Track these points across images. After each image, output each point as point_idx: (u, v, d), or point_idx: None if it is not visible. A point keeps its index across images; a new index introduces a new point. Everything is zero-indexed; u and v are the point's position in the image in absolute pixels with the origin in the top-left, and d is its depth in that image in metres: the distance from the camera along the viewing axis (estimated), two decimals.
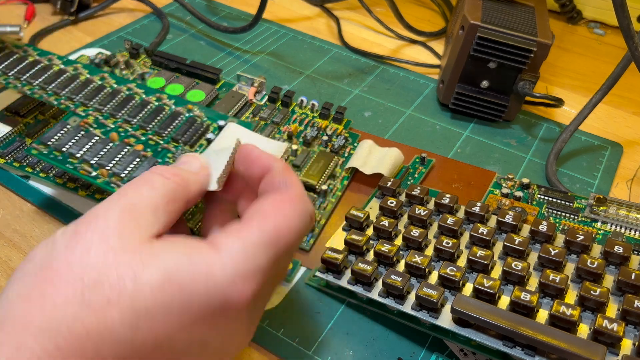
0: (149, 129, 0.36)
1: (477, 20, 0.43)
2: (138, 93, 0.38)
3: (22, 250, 0.36)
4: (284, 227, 0.24)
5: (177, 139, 0.35)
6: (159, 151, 0.35)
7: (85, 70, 0.40)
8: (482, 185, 0.41)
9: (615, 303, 0.29)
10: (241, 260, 0.23)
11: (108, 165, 0.33)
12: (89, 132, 0.35)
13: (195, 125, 0.36)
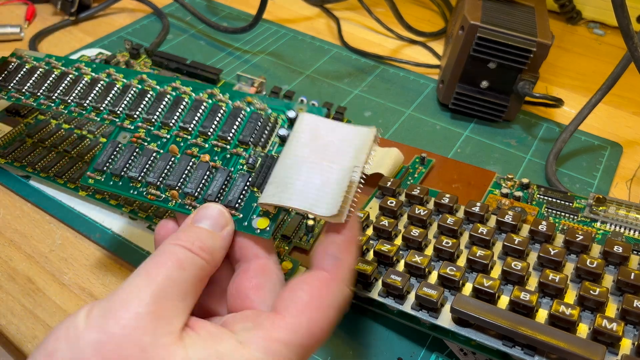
0: (210, 134, 0.30)
1: (477, 21, 0.43)
2: (186, 92, 0.32)
3: (22, 250, 0.36)
4: (319, 325, 0.23)
5: (245, 140, 0.30)
6: (227, 158, 0.30)
7: (119, 75, 0.34)
8: (482, 185, 0.41)
9: (615, 303, 0.29)
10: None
11: (177, 184, 0.29)
12: (144, 149, 0.31)
13: (262, 120, 0.30)
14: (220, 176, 0.29)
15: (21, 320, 0.32)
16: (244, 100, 0.31)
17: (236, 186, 0.28)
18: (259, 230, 0.27)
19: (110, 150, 0.31)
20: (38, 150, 0.41)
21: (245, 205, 0.28)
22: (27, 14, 0.59)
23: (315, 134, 0.27)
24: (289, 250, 0.36)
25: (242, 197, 0.28)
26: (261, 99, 0.31)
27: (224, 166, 0.30)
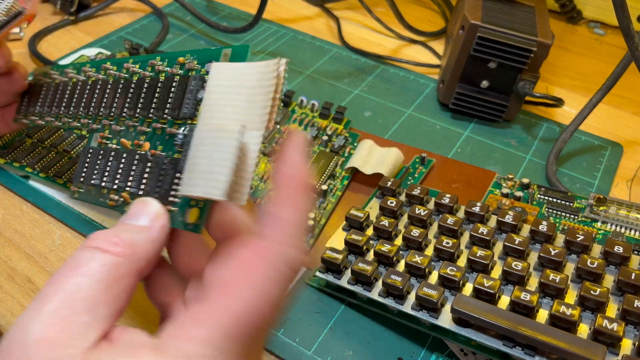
0: (152, 116, 0.26)
1: (477, 20, 0.43)
2: (136, 71, 0.28)
3: (21, 250, 0.36)
4: (254, 308, 0.19)
5: (176, 115, 0.25)
6: (166, 140, 0.25)
7: (73, 71, 0.32)
8: (482, 185, 0.41)
9: (615, 303, 0.29)
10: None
11: (126, 185, 0.26)
12: (107, 149, 0.28)
13: (192, 84, 0.25)
14: (156, 166, 0.25)
15: None
16: (176, 65, 0.26)
17: (167, 174, 0.24)
18: (192, 226, 0.23)
19: (83, 158, 0.29)
20: (37, 150, 0.41)
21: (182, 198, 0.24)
22: None
23: (221, 90, 0.23)
24: None
25: (175, 186, 0.24)
26: (193, 53, 0.26)
27: (165, 151, 0.25)
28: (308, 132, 0.43)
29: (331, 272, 0.32)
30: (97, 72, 0.30)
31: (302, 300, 0.34)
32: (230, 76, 0.23)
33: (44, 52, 0.54)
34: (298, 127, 0.45)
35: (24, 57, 0.53)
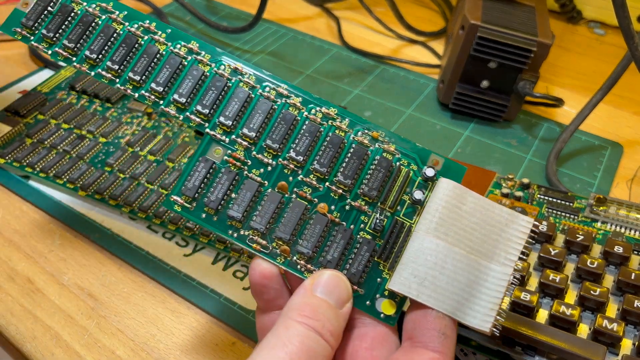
0: (326, 173, 0.24)
1: (478, 20, 0.43)
2: (296, 105, 0.25)
3: (21, 250, 0.36)
4: None
5: (370, 194, 0.24)
6: (347, 210, 0.24)
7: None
8: (482, 185, 0.41)
9: (615, 303, 0.29)
10: None
11: (289, 237, 0.24)
12: (247, 180, 0.24)
13: (391, 169, 0.24)
14: (342, 238, 0.24)
15: (20, 320, 0.32)
16: (367, 134, 0.25)
17: (360, 255, 0.23)
18: (384, 316, 0.23)
19: (204, 172, 0.24)
20: (37, 150, 0.41)
21: (368, 279, 0.23)
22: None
23: (458, 211, 0.23)
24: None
25: (366, 269, 0.24)
26: (389, 136, 0.25)
27: (343, 220, 0.24)
28: None
29: None
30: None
31: None
32: (469, 202, 0.23)
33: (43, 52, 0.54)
34: None
35: (23, 57, 0.53)
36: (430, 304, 0.22)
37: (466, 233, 0.22)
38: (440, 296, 0.22)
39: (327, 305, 0.22)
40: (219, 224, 0.24)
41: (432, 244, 0.22)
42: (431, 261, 0.22)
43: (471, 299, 0.22)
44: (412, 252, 0.23)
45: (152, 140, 0.43)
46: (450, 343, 0.22)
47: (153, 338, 0.32)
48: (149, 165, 0.40)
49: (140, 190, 0.38)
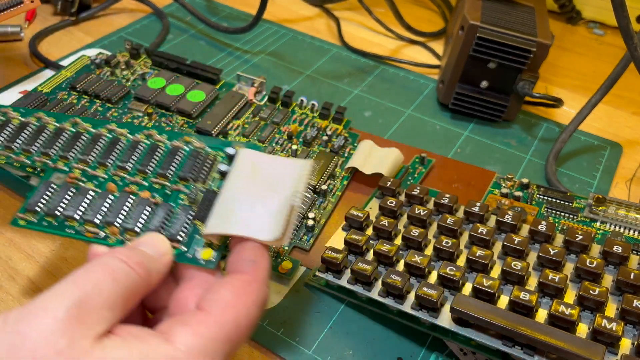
0: (148, 172, 0.31)
1: (477, 21, 0.43)
2: (123, 134, 0.32)
3: (22, 250, 0.36)
4: (243, 322, 0.24)
5: (185, 176, 0.30)
6: (168, 194, 0.30)
7: (51, 119, 0.33)
8: (481, 185, 0.41)
9: (615, 303, 0.29)
10: (197, 357, 0.22)
11: (116, 220, 0.29)
12: (80, 189, 0.30)
13: (201, 157, 0.31)
14: (162, 210, 0.29)
15: None
16: (182, 140, 0.32)
17: (178, 220, 0.28)
18: (204, 262, 0.27)
19: (43, 190, 0.30)
20: None
21: (189, 238, 0.28)
22: (27, 14, 0.59)
23: (255, 168, 0.29)
24: (289, 250, 0.36)
25: (185, 230, 0.28)
26: (199, 139, 0.32)
27: (167, 202, 0.29)
28: (308, 132, 0.43)
29: (331, 271, 0.33)
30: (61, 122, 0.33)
31: (302, 299, 0.34)
32: (261, 159, 0.29)
33: (44, 53, 0.54)
34: (298, 127, 0.45)
35: (24, 57, 0.53)
36: (233, 232, 0.26)
37: (260, 180, 0.28)
38: (240, 224, 0.27)
39: (140, 250, 0.25)
40: (58, 226, 0.29)
41: (231, 194, 0.28)
42: (232, 204, 0.28)
43: (267, 221, 0.27)
44: (217, 205, 0.28)
45: None
46: (259, 268, 0.26)
47: None
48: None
49: None
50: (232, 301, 0.24)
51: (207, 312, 0.23)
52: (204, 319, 0.23)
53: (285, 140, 0.43)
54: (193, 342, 0.22)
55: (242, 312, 0.24)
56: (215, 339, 0.23)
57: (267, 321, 0.33)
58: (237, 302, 0.24)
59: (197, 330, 0.22)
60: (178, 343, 0.22)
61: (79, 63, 0.50)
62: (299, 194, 0.28)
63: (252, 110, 0.46)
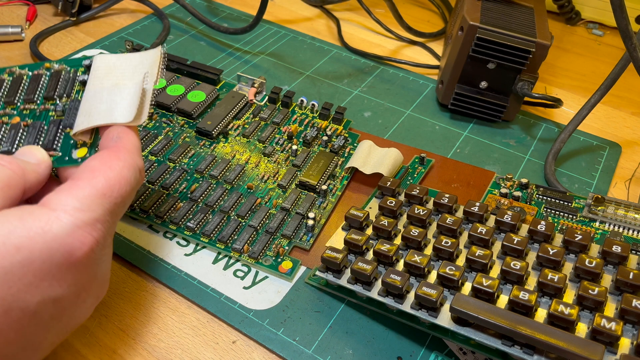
0: (16, 102, 0.33)
1: (476, 21, 0.43)
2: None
3: None
4: (114, 180, 0.26)
5: (49, 96, 0.33)
6: (37, 115, 0.32)
7: None
8: (481, 185, 0.41)
9: (614, 302, 0.30)
10: (77, 212, 0.24)
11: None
12: None
13: (62, 76, 0.33)
14: (33, 129, 0.31)
15: None
16: (42, 68, 0.34)
17: (50, 132, 0.31)
18: (80, 159, 0.30)
19: None
20: None
21: (63, 144, 0.31)
22: (28, 14, 0.59)
23: (110, 68, 0.32)
24: (289, 250, 0.36)
25: (58, 138, 0.31)
26: (57, 62, 0.35)
27: (37, 121, 0.32)
28: (308, 132, 0.44)
29: (331, 271, 0.33)
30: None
31: (302, 299, 0.34)
32: (115, 59, 0.32)
33: (45, 53, 0.54)
34: (298, 127, 0.45)
35: (25, 57, 0.53)
36: (95, 123, 0.29)
37: (115, 76, 0.31)
38: (101, 116, 0.30)
39: (18, 158, 0.28)
40: None
41: (91, 94, 0.31)
42: (93, 102, 0.30)
43: (123, 106, 0.30)
44: (81, 107, 0.31)
45: (153, 140, 0.43)
46: (123, 140, 0.28)
47: (154, 337, 0.32)
48: (150, 166, 0.40)
49: (141, 190, 0.39)
50: (99, 166, 0.26)
51: (77, 178, 0.26)
52: (74, 184, 0.25)
53: (285, 140, 0.44)
54: (67, 201, 0.24)
55: (112, 173, 0.26)
56: (89, 196, 0.25)
57: (267, 321, 0.33)
58: (104, 166, 0.26)
59: (70, 193, 0.25)
60: (56, 205, 0.24)
61: None
62: (149, 77, 0.30)
63: (252, 111, 0.46)
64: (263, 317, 0.33)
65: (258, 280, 0.35)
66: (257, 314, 0.33)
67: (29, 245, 0.23)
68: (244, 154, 0.42)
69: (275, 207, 0.38)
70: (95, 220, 0.25)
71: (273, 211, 0.38)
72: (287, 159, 0.42)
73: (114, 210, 0.26)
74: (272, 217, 0.38)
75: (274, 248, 0.36)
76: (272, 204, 0.39)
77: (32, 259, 0.23)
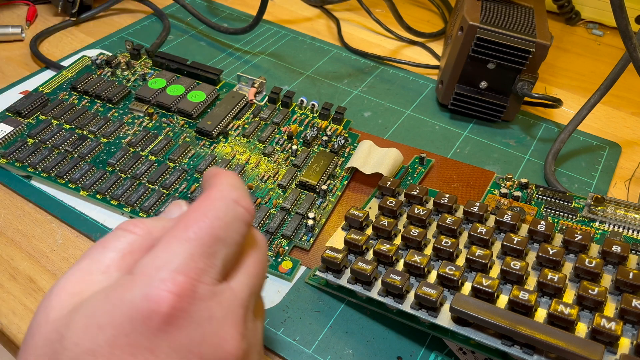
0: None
1: (476, 22, 0.43)
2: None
3: (23, 250, 0.36)
4: (192, 218, 0.22)
5: None
6: None
7: None
8: (481, 185, 0.41)
9: (613, 302, 0.30)
10: (154, 271, 0.21)
11: None
12: None
13: None
14: None
15: (22, 319, 0.32)
16: None
17: None
18: None
19: None
20: (39, 151, 0.41)
21: None
22: (28, 14, 0.59)
23: None
24: (289, 250, 0.36)
25: None
26: None
27: None
28: (308, 132, 0.44)
29: (331, 271, 0.33)
30: None
31: (302, 299, 0.34)
32: None
33: (45, 53, 0.54)
34: (298, 127, 0.45)
35: (25, 57, 0.53)
36: None
37: None
38: None
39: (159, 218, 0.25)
40: None
41: None
42: None
43: None
44: None
45: (154, 140, 0.43)
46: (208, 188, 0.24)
47: None
48: (150, 166, 0.41)
49: (141, 190, 0.39)
50: (184, 215, 0.23)
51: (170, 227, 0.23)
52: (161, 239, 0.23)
53: (285, 140, 0.44)
54: (146, 260, 0.21)
55: (192, 215, 0.22)
56: (164, 247, 0.22)
57: (267, 321, 0.33)
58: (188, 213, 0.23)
59: (151, 251, 0.22)
60: (136, 268, 0.22)
61: (80, 63, 0.51)
62: None
63: (252, 111, 0.46)
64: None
65: None
66: None
67: (110, 322, 0.20)
68: (244, 154, 0.42)
69: (275, 207, 0.38)
70: (174, 272, 0.21)
71: (273, 211, 0.38)
72: (287, 159, 0.42)
73: (205, 252, 0.22)
74: (272, 217, 0.38)
75: (274, 248, 0.36)
76: (272, 204, 0.39)
77: (116, 334, 0.20)
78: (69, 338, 0.20)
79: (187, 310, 0.21)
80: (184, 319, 0.21)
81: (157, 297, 0.20)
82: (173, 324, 0.20)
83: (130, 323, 0.20)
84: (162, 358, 0.20)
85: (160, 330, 0.20)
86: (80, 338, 0.20)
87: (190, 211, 0.23)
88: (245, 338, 0.22)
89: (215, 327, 0.21)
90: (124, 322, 0.20)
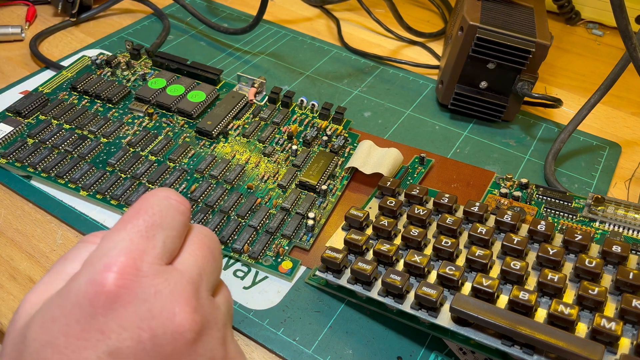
0: None
1: (476, 21, 0.43)
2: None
3: (23, 250, 0.36)
4: (129, 214, 0.24)
5: None
6: None
7: None
8: (481, 185, 0.41)
9: (614, 302, 0.30)
10: (96, 259, 0.23)
11: None
12: None
13: None
14: None
15: None
16: None
17: None
18: None
19: None
20: (39, 151, 0.41)
21: None
22: (28, 14, 0.59)
23: None
24: (289, 250, 0.36)
25: None
26: None
27: None
28: (308, 132, 0.44)
29: (331, 271, 0.33)
30: None
31: (302, 299, 0.34)
32: None
33: (45, 53, 0.54)
34: (298, 127, 0.45)
35: (25, 57, 0.53)
36: None
37: None
38: None
39: None
40: None
41: None
42: None
43: None
44: None
45: (153, 140, 0.43)
46: None
47: None
48: (150, 166, 0.41)
49: (141, 190, 0.39)
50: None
51: None
52: None
53: (285, 140, 0.44)
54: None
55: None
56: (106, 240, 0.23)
57: (267, 321, 0.33)
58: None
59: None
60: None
61: (80, 63, 0.51)
62: None
63: (252, 111, 0.46)
64: (263, 317, 0.33)
65: (258, 280, 0.35)
66: (257, 314, 0.33)
67: (61, 312, 0.22)
68: (244, 154, 0.42)
69: (275, 207, 0.38)
70: (116, 255, 0.22)
71: (273, 211, 0.38)
72: (287, 159, 0.42)
73: (143, 235, 0.23)
74: (272, 217, 0.38)
75: (274, 248, 0.36)
76: (272, 204, 0.39)
77: (68, 323, 0.21)
78: (29, 335, 0.22)
79: (130, 287, 0.22)
80: (129, 295, 0.22)
81: (100, 278, 0.21)
82: (118, 301, 0.21)
83: (80, 309, 0.21)
84: (113, 337, 0.21)
85: (107, 308, 0.21)
86: (38, 333, 0.21)
87: (128, 210, 0.25)
88: (197, 312, 0.23)
89: (163, 302, 0.22)
90: (74, 310, 0.21)
